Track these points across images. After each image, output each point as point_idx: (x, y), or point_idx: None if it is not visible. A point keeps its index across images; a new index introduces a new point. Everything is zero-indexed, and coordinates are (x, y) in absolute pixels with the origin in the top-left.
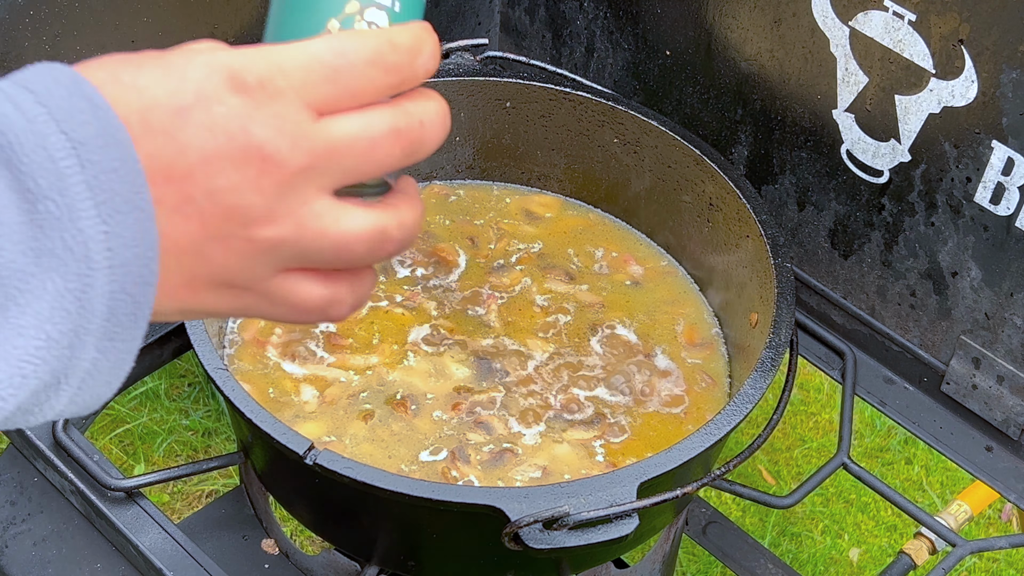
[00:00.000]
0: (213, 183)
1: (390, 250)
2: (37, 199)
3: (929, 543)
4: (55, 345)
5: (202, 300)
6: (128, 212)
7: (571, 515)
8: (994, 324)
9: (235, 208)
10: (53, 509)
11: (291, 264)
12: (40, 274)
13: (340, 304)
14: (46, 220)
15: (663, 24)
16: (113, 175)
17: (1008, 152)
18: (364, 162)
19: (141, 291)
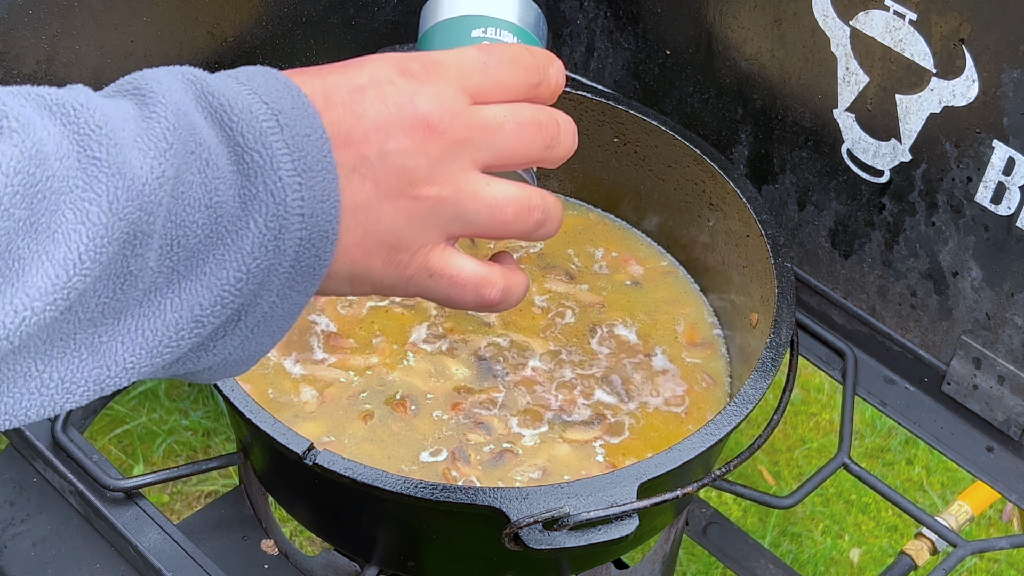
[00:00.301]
0: (385, 146)
1: (536, 218)
2: (244, 151)
3: (930, 543)
4: (251, 279)
5: (371, 263)
6: (317, 171)
7: (571, 515)
8: (995, 324)
9: (403, 168)
10: (52, 509)
11: (451, 227)
12: (245, 216)
13: (492, 285)
14: (251, 169)
15: (663, 24)
16: (305, 139)
17: (1009, 152)
18: (512, 143)
19: (322, 245)
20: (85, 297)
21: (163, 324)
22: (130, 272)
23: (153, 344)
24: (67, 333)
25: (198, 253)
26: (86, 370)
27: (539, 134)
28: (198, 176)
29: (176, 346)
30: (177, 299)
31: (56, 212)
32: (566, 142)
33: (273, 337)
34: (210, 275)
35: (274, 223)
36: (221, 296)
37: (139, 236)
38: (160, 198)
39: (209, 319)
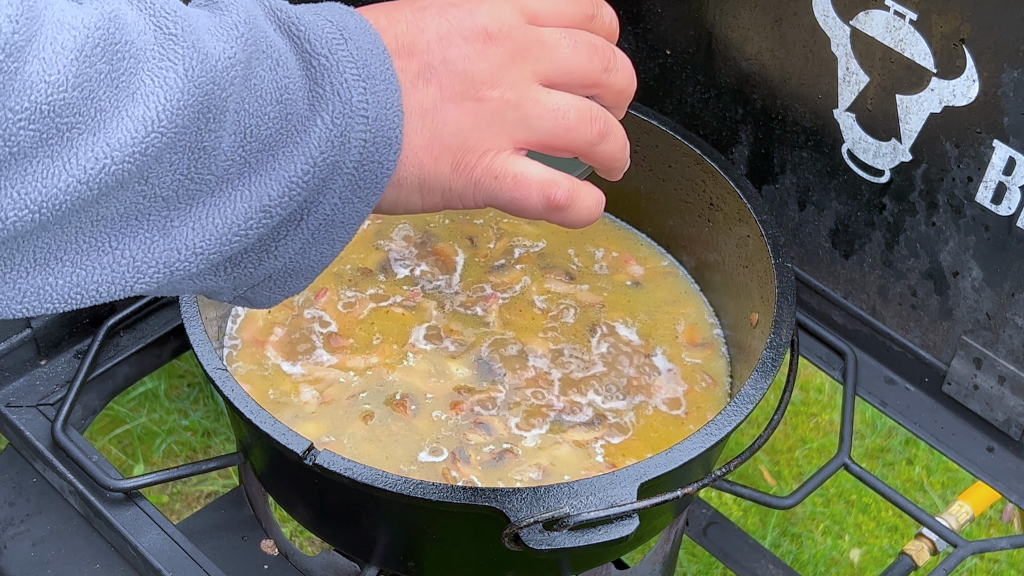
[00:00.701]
0: (448, 53)
1: (599, 128)
2: (312, 56)
3: (930, 544)
4: (317, 173)
5: (439, 167)
6: (380, 81)
7: (571, 516)
8: (995, 324)
9: (466, 72)
10: (52, 510)
11: (516, 132)
12: (312, 116)
13: (558, 186)
14: (319, 73)
15: (663, 23)
16: (368, 52)
17: (1009, 152)
18: (570, 59)
19: (386, 152)
20: (160, 165)
21: (233, 213)
22: (204, 148)
23: (223, 231)
24: (142, 211)
25: (269, 146)
26: (157, 251)
27: (596, 55)
28: (268, 73)
29: (244, 235)
30: (247, 191)
31: (135, 75)
32: (624, 71)
33: (332, 247)
34: (280, 168)
35: (340, 120)
36: (289, 188)
37: (212, 111)
38: (232, 78)
39: (277, 209)
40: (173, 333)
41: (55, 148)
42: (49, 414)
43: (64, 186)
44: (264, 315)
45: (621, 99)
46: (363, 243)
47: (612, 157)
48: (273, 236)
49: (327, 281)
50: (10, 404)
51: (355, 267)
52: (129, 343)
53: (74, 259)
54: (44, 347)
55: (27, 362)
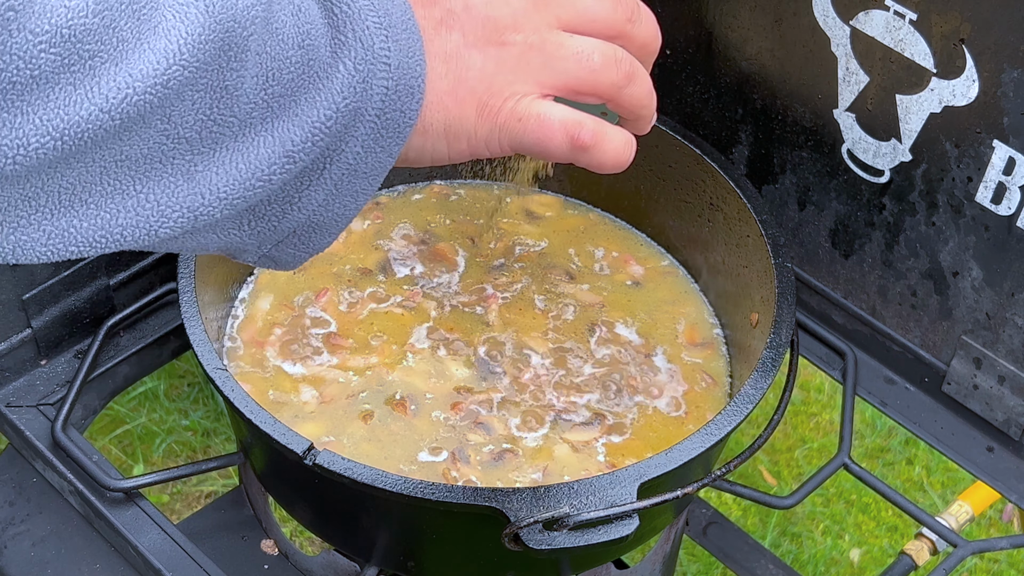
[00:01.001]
0: (469, 0)
1: (625, 70)
2: (334, 4)
3: (930, 544)
4: (339, 119)
5: (464, 112)
6: (401, 30)
7: (571, 516)
8: (995, 324)
9: (488, 17)
10: (52, 510)
11: (541, 76)
12: (335, 62)
13: (582, 126)
14: (340, 20)
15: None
16: (388, 1)
17: (1009, 152)
18: (591, 6)
19: (408, 101)
20: (183, 102)
21: (256, 158)
22: (226, 88)
23: (247, 176)
24: (166, 153)
25: (292, 91)
26: (181, 195)
27: (620, 5)
28: (291, 17)
29: (268, 181)
30: (270, 136)
31: (156, 9)
32: (648, 23)
33: (356, 199)
34: (303, 114)
35: (362, 67)
36: (312, 133)
37: (234, 49)
38: (254, 18)
39: (300, 155)
40: (173, 333)
41: (77, 75)
42: (49, 414)
43: (86, 114)
44: (264, 315)
45: (645, 53)
46: (363, 243)
47: (639, 103)
48: (296, 185)
49: (327, 281)
50: (10, 404)
51: (355, 267)
52: (129, 343)
53: (99, 201)
54: (44, 347)
55: (27, 362)
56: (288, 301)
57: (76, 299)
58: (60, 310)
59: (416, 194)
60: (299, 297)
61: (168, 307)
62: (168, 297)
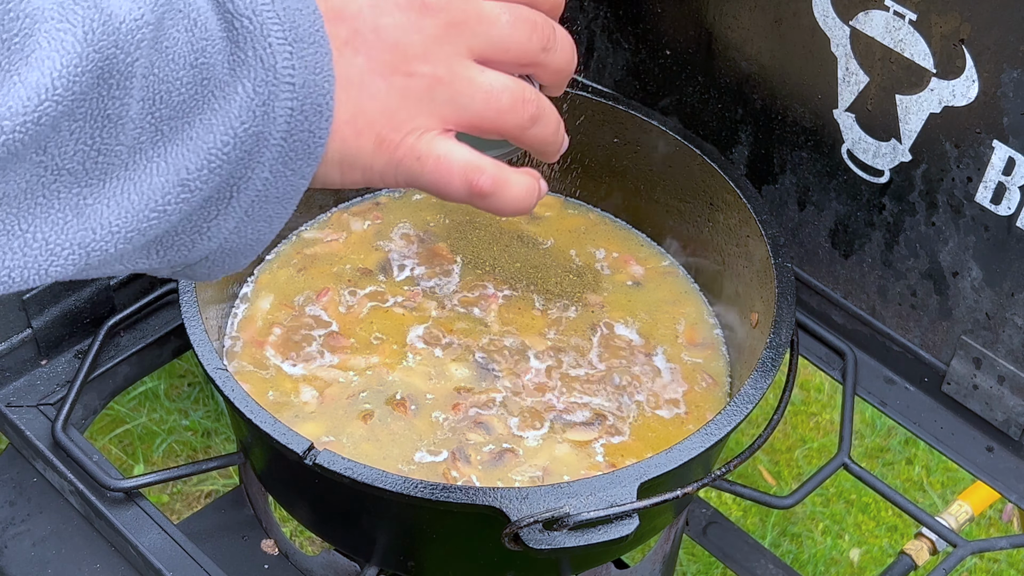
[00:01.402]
0: (379, 21)
1: (531, 111)
2: (234, 18)
3: (930, 543)
4: (239, 145)
5: (361, 143)
6: (309, 44)
7: (571, 515)
8: (995, 324)
9: (397, 43)
10: (52, 509)
11: (445, 110)
12: (233, 82)
13: (481, 171)
14: (241, 36)
15: (663, 24)
16: (297, 13)
17: (1009, 152)
18: (508, 35)
19: (316, 120)
20: (59, 134)
21: (149, 187)
22: (108, 116)
23: (139, 207)
24: (48, 187)
25: (184, 113)
26: (71, 232)
27: (535, 32)
28: (184, 34)
29: (163, 212)
30: (163, 162)
31: (30, 37)
32: (564, 51)
33: (270, 224)
34: (197, 138)
35: (263, 88)
36: (208, 159)
37: (115, 75)
38: (139, 40)
39: (196, 184)
40: (173, 333)
41: None
42: (49, 414)
43: None
44: (264, 315)
45: (559, 78)
46: (363, 243)
47: (544, 140)
48: (203, 215)
49: (327, 281)
50: (10, 404)
51: (355, 267)
52: (129, 343)
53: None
54: (44, 347)
55: (27, 362)
56: (288, 301)
57: (76, 299)
58: (60, 310)
59: (416, 194)
60: (299, 297)
61: (168, 307)
62: (168, 297)
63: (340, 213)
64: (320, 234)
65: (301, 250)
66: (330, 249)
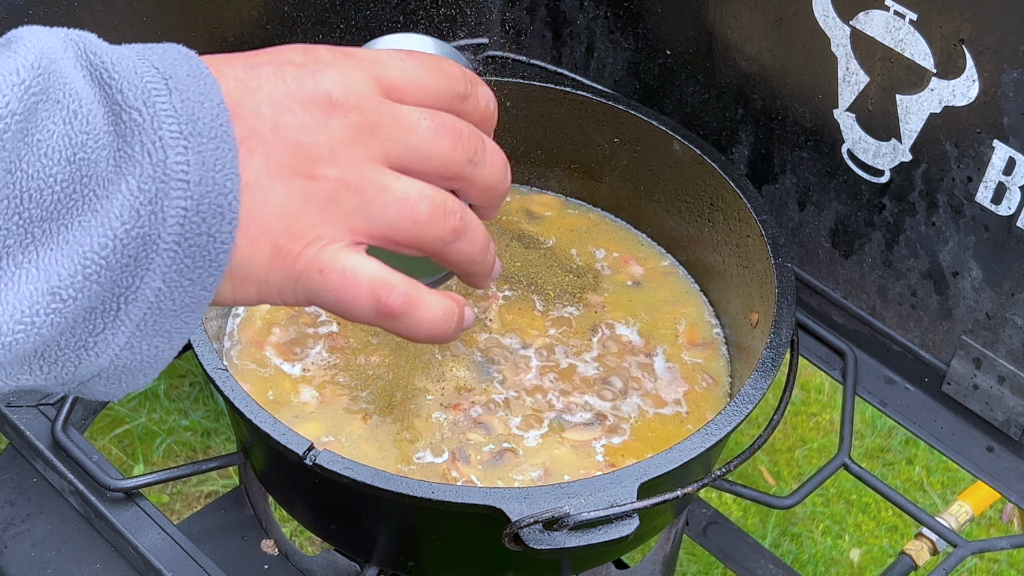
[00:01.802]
0: (280, 119)
1: (453, 224)
2: (123, 110)
3: (930, 544)
4: (121, 249)
5: (255, 254)
6: (209, 139)
7: (571, 515)
8: (995, 324)
9: (299, 144)
10: (52, 510)
11: (354, 220)
12: (116, 179)
13: (391, 289)
14: (129, 129)
15: (663, 23)
16: (198, 105)
17: (1009, 152)
18: (428, 142)
19: (217, 221)
20: None
21: (16, 297)
22: None
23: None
24: None
25: (58, 215)
26: None
27: (460, 143)
28: (62, 127)
29: (30, 324)
30: (34, 269)
31: None
32: (493, 165)
33: (169, 340)
34: (72, 242)
35: (149, 185)
36: (83, 265)
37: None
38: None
39: (69, 293)
40: None
41: None
42: (49, 414)
43: None
44: (264, 315)
45: (488, 197)
46: None
47: (469, 259)
48: (86, 329)
49: None
50: (10, 404)
51: None
52: None
53: None
54: None
55: None
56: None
57: None
58: None
59: None
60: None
61: None
62: None
63: None
64: None
65: None
66: None
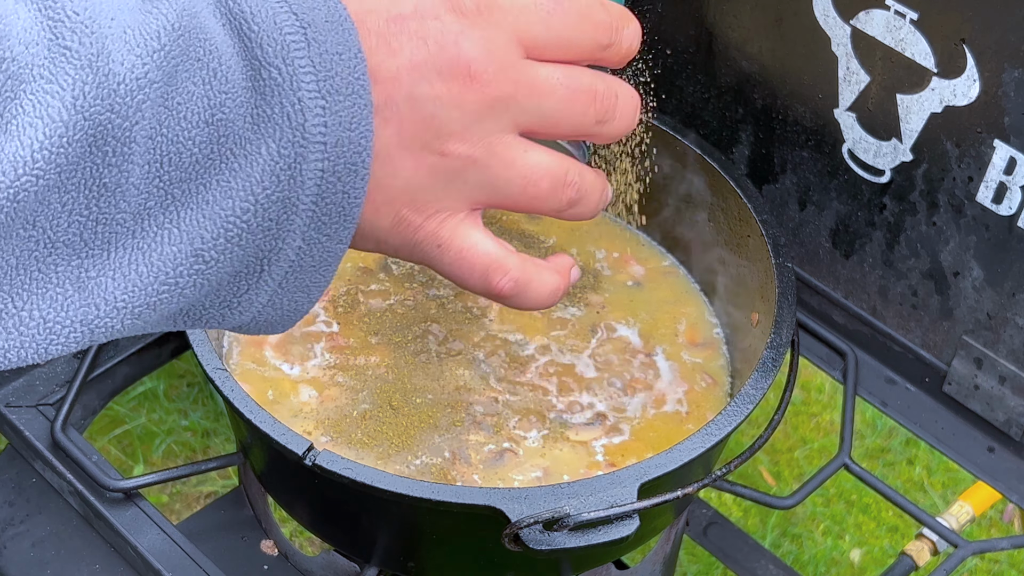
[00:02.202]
0: (417, 89)
1: (570, 196)
2: (262, 66)
3: (931, 544)
4: (263, 213)
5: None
6: (346, 95)
7: (571, 516)
8: (996, 324)
9: (433, 118)
10: (51, 510)
11: (477, 194)
12: (255, 140)
13: (503, 272)
14: (268, 87)
15: (663, 23)
16: (336, 58)
17: (1010, 151)
18: (560, 110)
19: (351, 179)
20: (48, 207)
21: (159, 258)
22: (105, 185)
23: (148, 281)
24: (43, 261)
25: (197, 175)
26: (72, 308)
27: (592, 105)
28: (201, 87)
29: (175, 284)
30: (176, 230)
31: (13, 100)
32: (623, 119)
33: (308, 294)
34: (213, 203)
35: (288, 150)
36: (226, 228)
37: (111, 142)
38: (140, 102)
39: (212, 254)
40: (173, 333)
41: None
42: (49, 414)
43: None
44: None
45: (611, 139)
46: None
47: (580, 217)
48: (231, 291)
49: None
50: (9, 404)
51: (355, 265)
52: (129, 343)
53: None
54: None
55: None
56: None
57: None
58: None
59: None
60: None
61: None
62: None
63: None
64: None
65: None
66: None
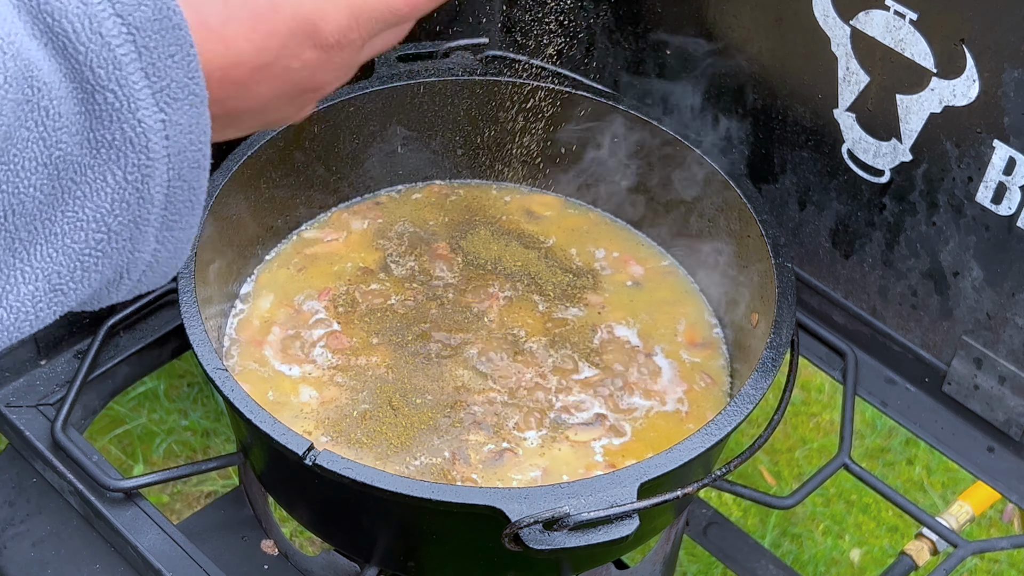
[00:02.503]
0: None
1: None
2: (95, 90)
3: (930, 544)
4: (116, 238)
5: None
6: (184, 98)
7: (571, 516)
8: (996, 324)
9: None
10: (52, 510)
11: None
12: (97, 166)
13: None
14: (104, 112)
15: (663, 23)
16: (170, 61)
17: (1010, 152)
18: None
19: (195, 175)
20: None
21: (16, 299)
22: None
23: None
24: None
25: (40, 214)
26: None
27: None
28: (35, 131)
29: (35, 318)
30: (28, 268)
31: None
32: None
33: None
34: (63, 236)
35: (135, 174)
36: (82, 261)
37: None
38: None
39: (69, 287)
40: (173, 333)
41: None
42: (49, 414)
43: None
44: (264, 314)
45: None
46: (363, 242)
47: None
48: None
49: (328, 280)
50: (10, 404)
51: (355, 266)
52: (129, 343)
53: None
54: (44, 347)
55: (27, 362)
56: (288, 300)
57: None
58: None
59: (416, 193)
60: (299, 296)
61: (168, 307)
62: (168, 297)
63: (340, 212)
64: (320, 234)
65: (301, 250)
66: (330, 248)
